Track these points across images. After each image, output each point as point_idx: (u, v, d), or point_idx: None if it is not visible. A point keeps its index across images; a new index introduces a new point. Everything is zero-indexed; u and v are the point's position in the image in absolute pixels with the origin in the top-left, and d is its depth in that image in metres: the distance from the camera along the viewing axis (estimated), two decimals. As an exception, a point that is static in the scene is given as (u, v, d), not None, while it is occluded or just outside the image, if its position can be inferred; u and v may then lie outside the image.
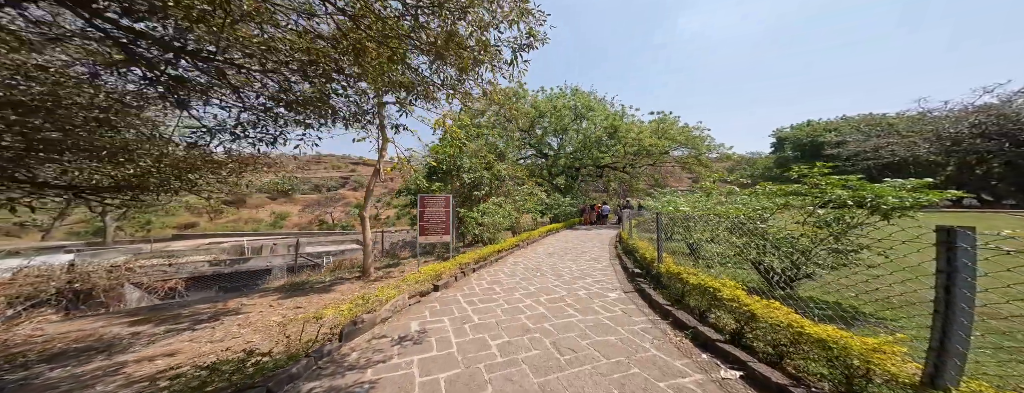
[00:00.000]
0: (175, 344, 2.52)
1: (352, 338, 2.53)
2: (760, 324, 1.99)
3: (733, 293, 2.31)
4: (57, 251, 11.23)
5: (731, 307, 2.24)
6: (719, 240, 4.05)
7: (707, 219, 4.28)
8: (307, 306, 3.78)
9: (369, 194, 5.68)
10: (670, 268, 3.48)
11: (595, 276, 4.97)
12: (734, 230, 3.55)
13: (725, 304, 2.30)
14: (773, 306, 2.02)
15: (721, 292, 2.41)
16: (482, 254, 6.09)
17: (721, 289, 2.45)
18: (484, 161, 8.50)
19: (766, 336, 1.95)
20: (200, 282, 7.17)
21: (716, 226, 3.98)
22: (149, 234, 26.73)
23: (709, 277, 2.78)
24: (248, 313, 3.46)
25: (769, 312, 1.97)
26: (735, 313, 2.23)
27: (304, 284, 4.92)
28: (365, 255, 5.38)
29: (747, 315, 2.09)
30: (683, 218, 5.08)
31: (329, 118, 2.87)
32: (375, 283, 4.92)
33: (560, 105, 17.92)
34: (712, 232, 4.09)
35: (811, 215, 3.13)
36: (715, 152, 17.18)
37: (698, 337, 2.41)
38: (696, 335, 2.44)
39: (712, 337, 2.25)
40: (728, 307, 2.28)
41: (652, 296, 3.49)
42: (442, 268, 4.51)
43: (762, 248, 3.20)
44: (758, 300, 2.16)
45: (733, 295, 2.29)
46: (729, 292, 2.36)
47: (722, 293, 2.39)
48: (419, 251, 6.11)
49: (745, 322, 2.15)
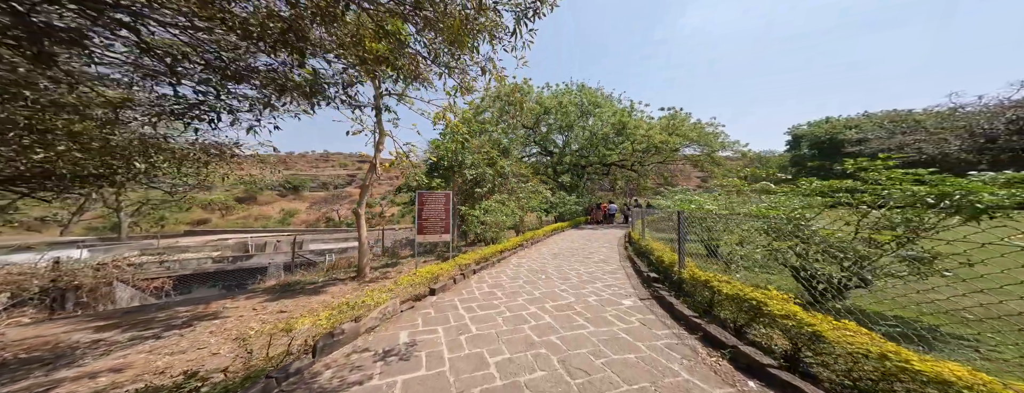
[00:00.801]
0: (131, 356, 2.23)
1: (328, 352, 2.19)
2: (828, 348, 1.56)
3: (785, 307, 1.88)
4: (70, 246, 11.32)
5: (785, 325, 1.81)
6: (749, 242, 3.58)
7: (735, 219, 3.81)
8: (293, 309, 3.48)
9: (365, 191, 5.37)
10: (695, 274, 3.04)
11: (605, 280, 4.56)
12: (772, 232, 3.09)
13: (777, 321, 1.87)
14: (846, 327, 1.58)
15: (768, 305, 1.98)
16: (483, 254, 5.72)
17: (766, 301, 2.01)
18: (487, 157, 8.13)
19: (840, 364, 1.52)
20: (193, 280, 7.01)
21: (747, 227, 3.51)
22: (163, 229, 27.41)
23: (747, 286, 2.35)
24: (227, 317, 3.17)
25: (842, 334, 1.54)
26: (790, 332, 1.80)
27: (295, 285, 4.64)
28: (360, 254, 5.07)
29: (809, 335, 1.66)
30: (702, 217, 4.61)
31: (290, 94, 2.40)
32: (370, 284, 4.60)
33: (566, 101, 17.43)
34: (741, 234, 3.62)
35: (865, 216, 2.65)
36: (730, 149, 16.44)
37: (740, 359, 1.99)
38: (737, 356, 2.02)
39: (760, 361, 1.82)
40: (780, 324, 1.85)
41: (674, 305, 3.06)
42: (440, 270, 4.15)
43: (806, 253, 2.74)
44: (822, 318, 1.72)
45: (786, 310, 1.86)
46: (779, 305, 1.93)
47: (769, 306, 1.96)
48: (417, 251, 5.79)
49: (805, 343, 1.72)
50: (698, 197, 7.37)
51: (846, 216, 2.88)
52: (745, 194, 4.55)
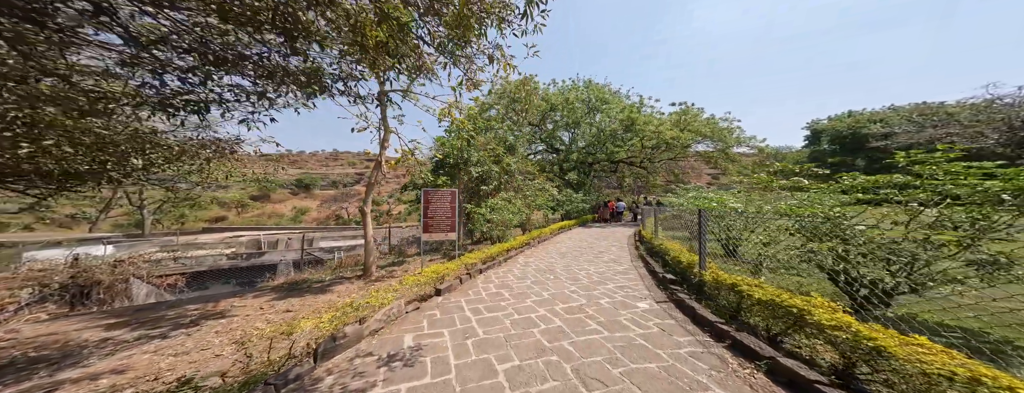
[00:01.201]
0: (136, 356, 2.20)
1: (330, 357, 2.10)
2: (894, 366, 1.34)
3: (835, 317, 1.66)
4: (96, 243, 11.81)
5: (836, 337, 1.59)
6: (775, 242, 3.32)
7: (763, 218, 3.55)
8: (299, 309, 3.43)
9: (371, 188, 5.31)
10: (719, 277, 2.82)
11: (617, 281, 4.35)
12: (806, 232, 2.83)
13: (825, 331, 1.66)
14: (918, 342, 1.36)
15: (812, 314, 1.76)
16: (490, 253, 5.60)
17: (810, 309, 1.79)
18: (493, 154, 7.97)
19: (910, 386, 1.31)
20: (207, 277, 7.15)
21: (776, 226, 3.25)
22: (183, 226, 28.56)
23: (784, 291, 2.12)
24: (234, 317, 3.14)
25: (913, 351, 1.32)
26: (842, 344, 1.58)
27: (302, 283, 4.62)
28: (367, 253, 5.02)
29: (868, 350, 1.44)
30: (720, 215, 4.33)
31: (285, 84, 2.26)
32: (376, 283, 4.54)
33: (572, 98, 17.07)
34: (769, 234, 3.36)
35: (917, 214, 2.37)
36: (745, 145, 15.78)
37: (779, 373, 1.78)
38: (775, 369, 1.81)
39: (806, 376, 1.62)
40: (830, 336, 1.63)
41: (696, 310, 2.85)
42: (445, 269, 4.04)
43: (847, 255, 2.48)
44: (882, 329, 1.50)
45: (837, 320, 1.64)
46: (825, 314, 1.71)
47: (815, 315, 1.74)
48: (423, 249, 5.70)
49: (862, 358, 1.50)
50: (712, 194, 7.04)
51: (893, 215, 2.60)
52: (773, 191, 4.24)
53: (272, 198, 42.37)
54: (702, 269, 3.25)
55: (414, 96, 5.78)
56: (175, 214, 27.90)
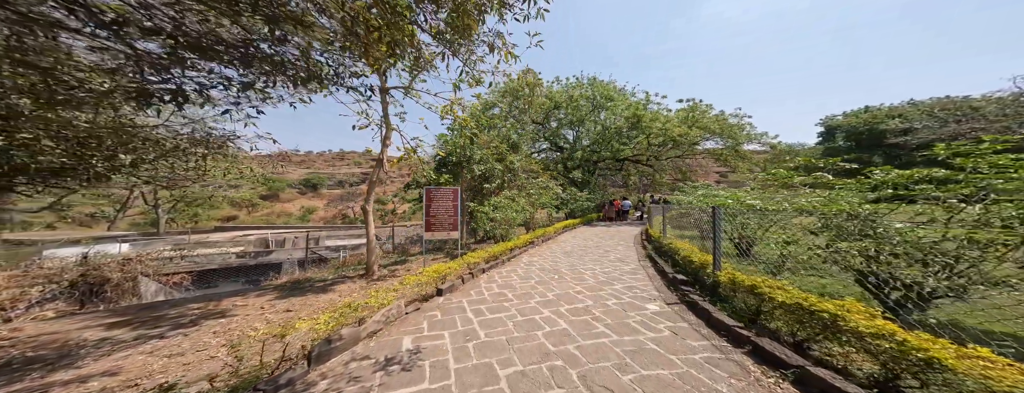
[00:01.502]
0: (131, 357, 2.16)
1: (325, 360, 2.01)
2: (950, 380, 1.18)
3: (875, 324, 1.49)
4: (112, 241, 12.16)
5: (878, 347, 1.42)
6: (794, 242, 3.12)
7: (782, 216, 3.34)
8: (300, 309, 3.38)
9: (373, 187, 5.25)
10: (736, 278, 2.64)
11: (625, 281, 4.19)
12: (832, 230, 2.63)
13: (864, 339, 1.49)
14: (978, 354, 1.19)
15: (847, 320, 1.59)
16: (493, 253, 5.48)
17: (845, 315, 1.62)
18: (496, 152, 7.85)
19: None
20: (214, 275, 7.23)
21: (796, 224, 3.05)
22: (197, 225, 29.32)
23: (811, 295, 1.95)
24: (235, 316, 3.11)
25: (975, 364, 1.15)
26: (885, 354, 1.41)
27: (305, 283, 4.59)
28: (369, 252, 4.96)
29: (918, 362, 1.28)
30: (734, 213, 4.12)
31: (270, 73, 2.12)
32: (377, 282, 4.48)
33: (576, 95, 16.83)
34: (787, 234, 3.16)
35: (957, 212, 2.16)
36: (756, 142, 15.29)
37: (810, 383, 1.62)
38: (805, 379, 1.65)
39: (845, 389, 1.44)
40: (871, 345, 1.47)
41: (710, 313, 2.68)
42: (447, 269, 3.95)
43: (878, 255, 2.28)
44: (930, 338, 1.33)
45: (877, 327, 1.47)
46: (864, 321, 1.54)
47: (850, 321, 1.57)
48: (426, 248, 5.61)
49: (908, 370, 1.34)
50: (723, 192, 6.78)
51: (929, 212, 2.38)
52: (793, 187, 4.00)
53: (281, 197, 43.28)
54: (717, 269, 3.08)
55: (416, 93, 5.71)
56: (189, 213, 28.66)
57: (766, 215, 3.67)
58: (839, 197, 3.13)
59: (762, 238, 4.10)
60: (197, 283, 6.45)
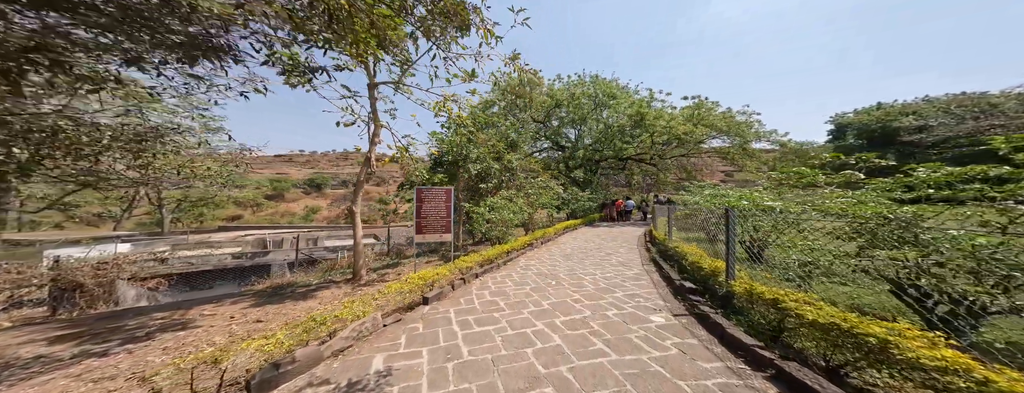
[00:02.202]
0: (53, 381, 1.91)
1: (271, 389, 1.73)
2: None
3: (940, 354, 1.18)
4: (113, 241, 12.15)
5: (949, 385, 1.11)
6: (820, 248, 2.79)
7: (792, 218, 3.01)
8: (273, 318, 3.13)
9: (360, 187, 5.00)
10: (755, 289, 2.32)
11: (627, 288, 3.89)
12: (864, 235, 2.31)
13: (928, 372, 1.18)
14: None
15: (901, 347, 1.28)
16: (488, 256, 5.21)
17: (898, 341, 1.31)
18: (493, 151, 7.58)
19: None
20: (196, 278, 7.04)
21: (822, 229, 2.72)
22: (202, 225, 29.65)
23: (851, 315, 1.63)
24: (198, 327, 2.87)
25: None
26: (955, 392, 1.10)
27: (286, 288, 4.36)
28: (355, 256, 4.72)
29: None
30: (743, 215, 3.78)
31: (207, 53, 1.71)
32: (364, 288, 4.24)
33: (578, 93, 16.49)
34: (814, 237, 2.83)
35: (1018, 216, 1.83)
36: (766, 140, 14.78)
37: (852, 431, 1.31)
38: (846, 425, 1.34)
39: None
40: (934, 379, 1.15)
41: (724, 328, 2.37)
42: (435, 275, 3.68)
43: (921, 264, 1.95)
44: (1019, 378, 1.01)
45: (945, 359, 1.16)
46: (924, 349, 1.23)
47: (907, 350, 1.26)
48: (419, 251, 5.33)
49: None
50: (731, 191, 6.41)
51: (978, 215, 2.04)
52: (813, 187, 3.65)
53: (286, 197, 43.71)
54: (730, 278, 2.76)
55: (407, 89, 5.46)
56: (194, 213, 28.97)
57: (786, 218, 3.32)
58: (865, 197, 2.79)
59: (775, 242, 3.78)
60: (181, 286, 6.26)
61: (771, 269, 3.30)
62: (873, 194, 2.77)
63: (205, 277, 7.28)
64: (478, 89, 6.26)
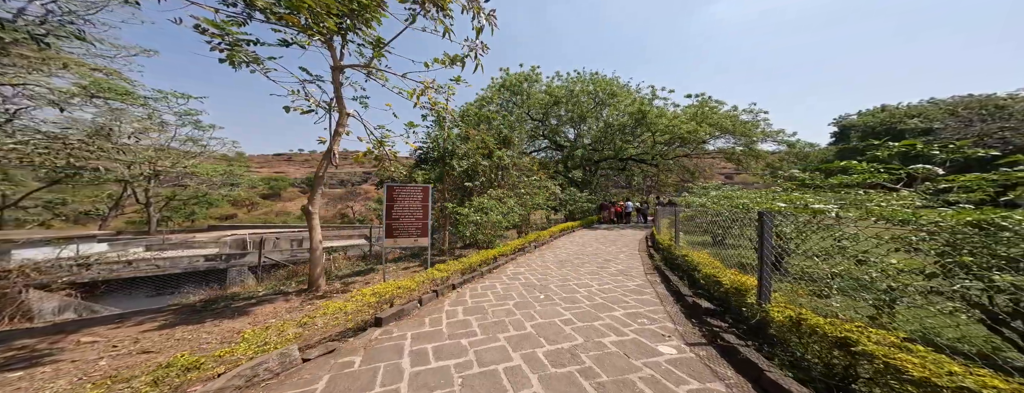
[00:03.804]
0: None
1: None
2: None
3: None
4: (89, 240, 11.56)
5: None
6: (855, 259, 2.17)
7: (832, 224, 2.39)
8: (175, 345, 2.47)
9: (317, 183, 4.35)
10: (809, 321, 1.69)
11: (628, 304, 3.25)
12: (946, 247, 1.69)
13: None
14: None
15: None
16: (471, 263, 4.56)
17: None
18: (483, 147, 6.95)
19: None
20: (139, 285, 6.33)
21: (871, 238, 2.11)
22: (194, 224, 29.01)
23: (999, 379, 0.99)
24: (44, 364, 2.15)
25: None
26: None
27: (221, 301, 3.68)
28: (312, 263, 4.07)
29: None
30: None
31: None
32: (318, 301, 3.59)
33: (577, 91, 15.95)
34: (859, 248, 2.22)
35: None
36: (772, 140, 14.20)
37: None
38: None
39: None
40: None
41: (760, 368, 1.73)
42: (396, 289, 3.03)
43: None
44: None
45: None
46: None
47: None
48: (396, 256, 4.65)
49: None
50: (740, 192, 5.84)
51: None
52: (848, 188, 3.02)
53: (283, 196, 43.20)
54: (764, 300, 2.12)
55: (381, 74, 4.85)
56: (184, 211, 28.35)
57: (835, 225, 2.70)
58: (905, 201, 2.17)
59: (797, 249, 3.18)
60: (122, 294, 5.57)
61: (796, 281, 2.70)
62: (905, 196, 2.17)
63: (149, 284, 6.57)
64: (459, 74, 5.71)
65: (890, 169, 2.30)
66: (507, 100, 16.26)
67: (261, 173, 45.01)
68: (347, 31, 3.86)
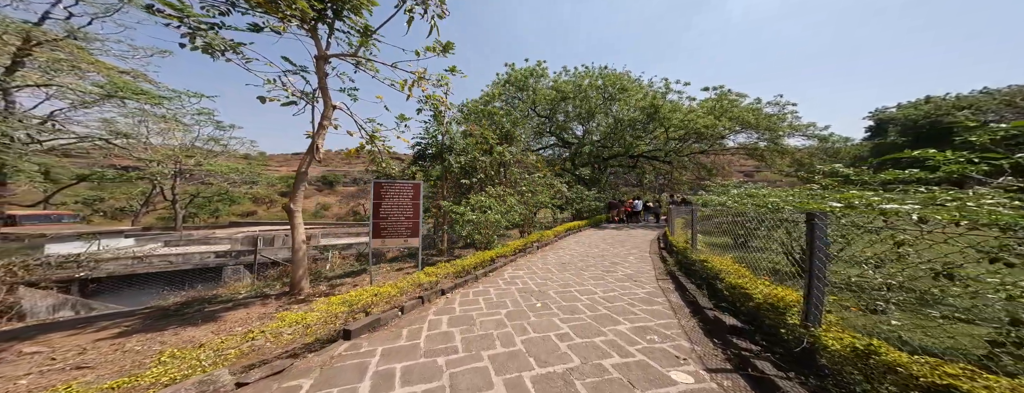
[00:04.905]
0: None
1: None
2: None
3: None
4: (117, 236, 12.26)
5: None
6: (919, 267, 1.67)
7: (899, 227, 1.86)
8: (114, 363, 2.25)
9: (300, 179, 4.12)
10: (886, 356, 1.22)
11: (636, 315, 2.82)
12: None
13: None
14: None
15: None
16: (464, 266, 4.23)
17: None
18: (482, 141, 6.60)
19: None
20: (139, 282, 6.39)
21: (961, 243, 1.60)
22: (217, 221, 30.61)
23: None
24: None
25: None
26: None
27: (195, 304, 3.51)
28: (294, 265, 3.85)
29: None
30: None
31: None
32: (297, 305, 3.37)
33: (586, 85, 15.32)
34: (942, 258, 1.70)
35: None
36: (801, 134, 13.07)
37: None
38: None
39: None
40: None
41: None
42: (375, 295, 2.73)
43: None
44: None
45: None
46: None
47: None
48: (372, 260, 4.32)
49: None
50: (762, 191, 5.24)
51: None
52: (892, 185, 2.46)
53: (300, 194, 44.64)
54: (813, 322, 1.65)
55: (371, 65, 4.58)
56: (208, 208, 29.88)
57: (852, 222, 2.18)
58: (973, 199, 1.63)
59: (840, 254, 2.67)
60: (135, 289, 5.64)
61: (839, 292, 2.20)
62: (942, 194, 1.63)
63: (148, 280, 6.64)
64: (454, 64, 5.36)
65: (987, 158, 1.76)
66: (512, 96, 15.86)
67: (281, 172, 46.85)
68: (334, 19, 3.62)
